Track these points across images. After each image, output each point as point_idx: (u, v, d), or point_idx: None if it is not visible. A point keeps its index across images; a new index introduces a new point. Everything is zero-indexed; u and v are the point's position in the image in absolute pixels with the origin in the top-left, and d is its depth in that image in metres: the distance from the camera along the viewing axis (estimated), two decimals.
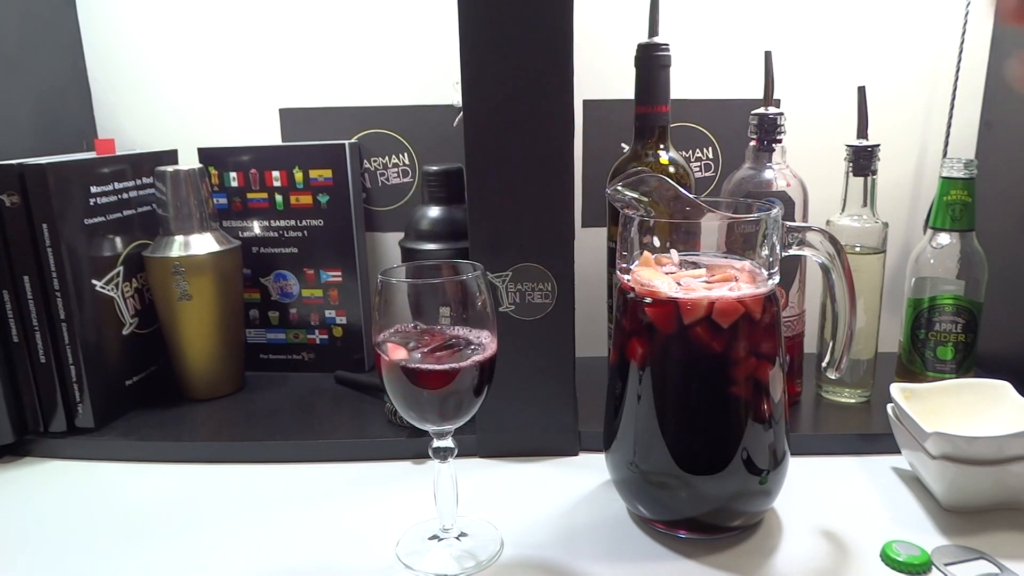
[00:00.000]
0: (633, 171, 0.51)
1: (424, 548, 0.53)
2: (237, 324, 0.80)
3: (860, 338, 0.69)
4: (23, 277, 0.67)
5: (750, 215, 0.51)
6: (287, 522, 0.57)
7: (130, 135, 0.87)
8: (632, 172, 0.51)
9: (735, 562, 0.51)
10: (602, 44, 0.78)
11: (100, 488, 0.64)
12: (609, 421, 0.56)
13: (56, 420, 0.70)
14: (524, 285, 0.63)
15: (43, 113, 0.79)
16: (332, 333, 0.85)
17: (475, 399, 0.50)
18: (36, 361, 0.69)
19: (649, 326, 0.51)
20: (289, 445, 0.68)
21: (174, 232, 0.74)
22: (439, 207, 0.74)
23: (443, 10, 0.78)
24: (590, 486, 0.61)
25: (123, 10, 0.84)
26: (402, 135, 0.85)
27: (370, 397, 0.77)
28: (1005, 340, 0.75)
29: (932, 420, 0.56)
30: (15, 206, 0.66)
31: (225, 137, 0.85)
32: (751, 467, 0.51)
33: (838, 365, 0.54)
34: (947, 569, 0.49)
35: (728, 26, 0.79)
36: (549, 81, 0.58)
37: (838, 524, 0.55)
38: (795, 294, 0.69)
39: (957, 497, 0.55)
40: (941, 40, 0.79)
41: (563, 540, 0.54)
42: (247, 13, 0.84)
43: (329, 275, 0.83)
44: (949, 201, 0.68)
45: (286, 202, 0.81)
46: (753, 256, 0.51)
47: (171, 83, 0.86)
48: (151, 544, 0.55)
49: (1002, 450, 0.52)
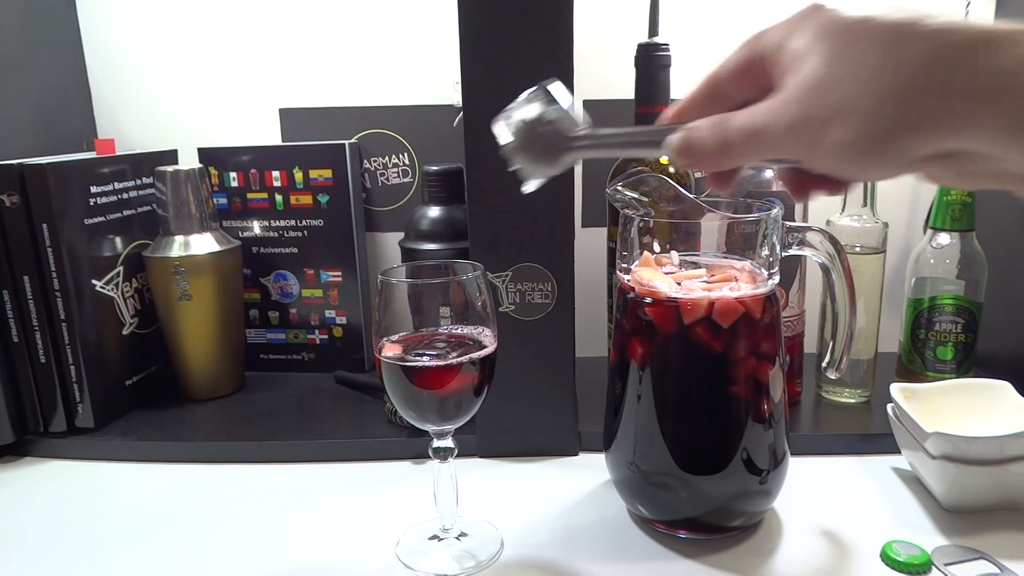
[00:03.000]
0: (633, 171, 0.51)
1: (424, 548, 0.53)
2: (237, 324, 0.80)
3: (860, 338, 0.69)
4: (23, 277, 0.67)
5: (750, 215, 0.51)
6: (287, 522, 0.57)
7: (130, 135, 0.87)
8: (632, 172, 0.51)
9: (735, 562, 0.51)
10: (602, 44, 0.78)
11: (100, 488, 0.64)
12: (609, 421, 0.56)
13: (56, 420, 0.70)
14: (524, 285, 0.63)
15: (43, 113, 0.79)
16: (332, 333, 0.85)
17: (475, 399, 0.50)
18: (36, 361, 0.69)
19: (649, 326, 0.51)
20: (289, 445, 0.68)
21: (174, 232, 0.74)
22: (439, 207, 0.74)
23: (443, 10, 0.78)
24: (590, 486, 0.61)
25: (123, 10, 0.84)
26: (402, 135, 0.85)
27: (370, 397, 0.77)
28: (1005, 340, 0.75)
29: (932, 420, 0.56)
30: (15, 206, 0.66)
31: (225, 137, 0.85)
32: (751, 467, 0.51)
33: (838, 365, 0.54)
34: (947, 569, 0.49)
35: (728, 26, 0.79)
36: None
37: (838, 524, 0.55)
38: (795, 294, 0.69)
39: (957, 497, 0.55)
40: None
41: (563, 540, 0.54)
42: (247, 13, 0.84)
43: (329, 275, 0.83)
44: (949, 201, 0.68)
45: (286, 202, 0.81)
46: (753, 256, 0.51)
47: (171, 83, 0.86)
48: (151, 544, 0.55)
49: (1002, 450, 0.52)
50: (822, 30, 0.28)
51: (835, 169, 0.29)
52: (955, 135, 0.26)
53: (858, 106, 0.27)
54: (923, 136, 0.27)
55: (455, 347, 0.49)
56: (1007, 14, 0.76)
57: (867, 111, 0.27)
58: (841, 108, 0.27)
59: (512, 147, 0.38)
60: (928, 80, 0.26)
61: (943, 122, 0.26)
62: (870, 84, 0.27)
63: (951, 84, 0.26)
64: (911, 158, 0.28)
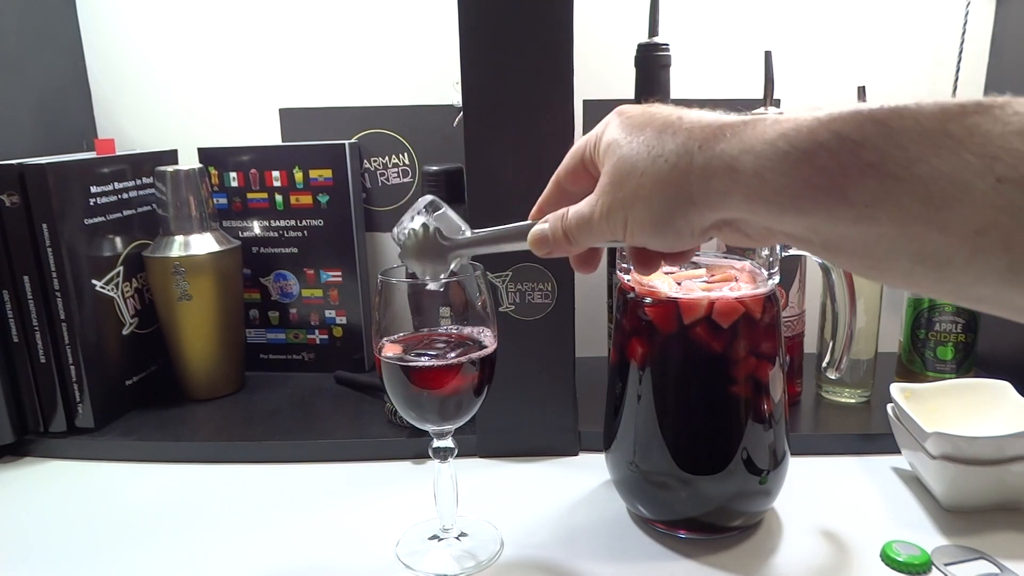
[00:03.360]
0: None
1: (424, 548, 0.53)
2: (237, 324, 0.80)
3: (860, 338, 0.69)
4: (23, 277, 0.67)
5: None
6: (287, 522, 0.57)
7: (130, 135, 0.87)
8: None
9: (735, 562, 0.51)
10: (602, 44, 0.78)
11: (100, 488, 0.64)
12: (609, 421, 0.56)
13: (56, 420, 0.70)
14: (524, 285, 0.63)
15: (43, 113, 0.79)
16: (332, 333, 0.85)
17: (475, 399, 0.50)
18: (36, 361, 0.69)
19: (649, 326, 0.51)
20: (289, 445, 0.68)
21: (174, 232, 0.74)
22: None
23: (443, 10, 0.78)
24: (590, 486, 0.61)
25: (123, 10, 0.84)
26: (402, 135, 0.85)
27: (370, 397, 0.77)
28: (1005, 340, 0.75)
29: (932, 420, 0.56)
30: (15, 206, 0.66)
31: (225, 137, 0.85)
32: (751, 467, 0.51)
33: (838, 365, 0.54)
34: (947, 569, 0.49)
35: (728, 26, 0.79)
36: (549, 81, 0.58)
37: (838, 524, 0.55)
38: (795, 294, 0.69)
39: (957, 497, 0.55)
40: (941, 40, 0.79)
41: (563, 540, 0.54)
42: (247, 13, 0.84)
43: (329, 275, 0.83)
44: None
45: (286, 202, 0.81)
46: (753, 256, 0.51)
47: (171, 83, 0.86)
48: (151, 544, 0.55)
49: (1002, 450, 0.52)
50: (620, 126, 0.35)
51: (646, 244, 0.35)
52: (719, 207, 0.32)
53: (645, 192, 0.33)
54: (698, 210, 0.32)
55: (455, 347, 0.49)
56: (1007, 14, 0.77)
57: (652, 195, 0.33)
58: (635, 195, 0.33)
59: (406, 254, 0.44)
60: (682, 167, 0.32)
61: (706, 197, 0.31)
62: (647, 175, 0.33)
63: (697, 168, 0.31)
64: (698, 228, 0.33)
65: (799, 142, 0.28)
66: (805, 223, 0.29)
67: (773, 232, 0.32)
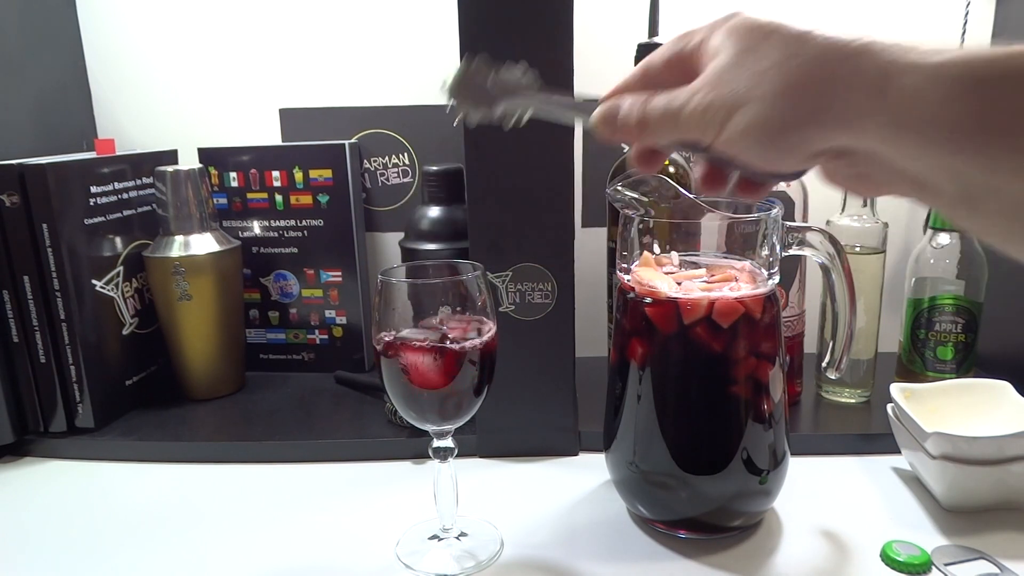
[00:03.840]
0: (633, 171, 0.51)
1: (424, 548, 0.53)
2: (237, 324, 0.80)
3: (860, 338, 0.69)
4: (23, 277, 0.67)
5: (750, 215, 0.51)
6: (287, 522, 0.57)
7: (130, 135, 0.87)
8: (632, 172, 0.51)
9: (735, 562, 0.51)
10: (602, 44, 0.78)
11: (100, 488, 0.64)
12: (609, 421, 0.56)
13: (56, 420, 0.70)
14: (524, 285, 0.63)
15: (43, 113, 0.79)
16: (332, 333, 0.85)
17: (475, 399, 0.50)
18: (36, 361, 0.69)
19: (649, 326, 0.51)
20: (289, 445, 0.68)
21: (174, 232, 0.74)
22: (439, 207, 0.74)
23: (443, 10, 0.78)
24: (590, 486, 0.61)
25: (123, 10, 0.84)
26: (402, 135, 0.85)
27: (370, 397, 0.77)
28: (1005, 340, 0.75)
29: (932, 420, 0.56)
30: (15, 206, 0.66)
31: (225, 137, 0.85)
32: (751, 467, 0.51)
33: (838, 365, 0.54)
34: (947, 569, 0.49)
35: None
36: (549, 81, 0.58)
37: (838, 524, 0.55)
38: (795, 294, 0.69)
39: (957, 497, 0.55)
40: (941, 40, 0.79)
41: (563, 540, 0.54)
42: (247, 13, 0.84)
43: (329, 275, 0.83)
44: None
45: (286, 202, 0.81)
46: (753, 256, 0.51)
47: (171, 83, 0.86)
48: (151, 544, 0.55)
49: (1002, 450, 0.52)
50: (737, 29, 0.32)
51: (739, 154, 0.31)
52: (846, 129, 0.28)
53: (759, 94, 0.29)
54: (818, 128, 0.29)
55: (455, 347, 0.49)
56: (1007, 14, 0.77)
57: (767, 100, 0.29)
58: (745, 96, 0.30)
59: (451, 89, 0.39)
60: (821, 74, 0.28)
61: (836, 115, 0.28)
62: (771, 76, 0.29)
63: (841, 78, 0.28)
64: (808, 151, 0.30)
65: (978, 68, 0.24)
66: (950, 165, 0.26)
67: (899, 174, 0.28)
